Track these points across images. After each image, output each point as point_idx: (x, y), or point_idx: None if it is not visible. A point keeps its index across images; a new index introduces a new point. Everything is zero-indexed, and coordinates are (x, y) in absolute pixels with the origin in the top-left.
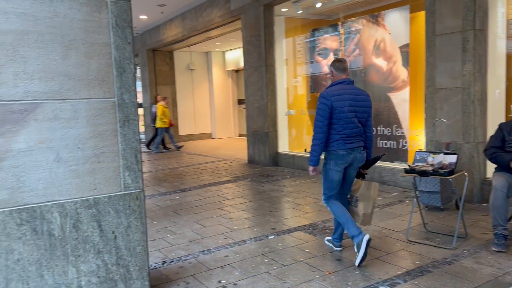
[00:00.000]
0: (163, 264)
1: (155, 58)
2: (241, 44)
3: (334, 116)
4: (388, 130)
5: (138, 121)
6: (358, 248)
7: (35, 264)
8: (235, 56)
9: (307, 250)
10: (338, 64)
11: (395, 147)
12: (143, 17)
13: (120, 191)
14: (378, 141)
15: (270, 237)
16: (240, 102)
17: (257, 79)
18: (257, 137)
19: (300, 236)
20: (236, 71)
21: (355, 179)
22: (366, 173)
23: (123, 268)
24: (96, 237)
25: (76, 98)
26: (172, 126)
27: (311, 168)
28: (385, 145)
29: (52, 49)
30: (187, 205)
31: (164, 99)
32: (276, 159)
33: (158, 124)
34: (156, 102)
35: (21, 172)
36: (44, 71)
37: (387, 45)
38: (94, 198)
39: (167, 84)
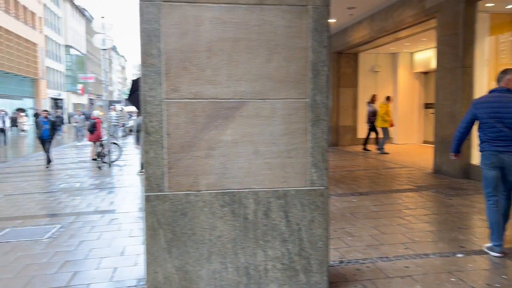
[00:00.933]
0: (340, 263)
1: (339, 61)
2: (433, 44)
3: (479, 121)
4: None
5: (327, 121)
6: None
7: (231, 242)
8: (425, 57)
9: (504, 277)
10: (498, 75)
11: None
12: (332, 20)
13: (306, 186)
14: None
15: (458, 255)
16: (427, 106)
17: (450, 82)
18: (446, 145)
19: (496, 260)
20: (425, 73)
21: None
22: None
23: (304, 259)
24: (283, 226)
25: (275, 98)
26: (393, 126)
27: (452, 154)
28: None
29: (258, 53)
30: (364, 209)
31: (387, 98)
32: (468, 171)
33: (380, 124)
34: (372, 101)
35: (226, 160)
36: (250, 74)
37: None
38: (284, 190)
39: (350, 86)
